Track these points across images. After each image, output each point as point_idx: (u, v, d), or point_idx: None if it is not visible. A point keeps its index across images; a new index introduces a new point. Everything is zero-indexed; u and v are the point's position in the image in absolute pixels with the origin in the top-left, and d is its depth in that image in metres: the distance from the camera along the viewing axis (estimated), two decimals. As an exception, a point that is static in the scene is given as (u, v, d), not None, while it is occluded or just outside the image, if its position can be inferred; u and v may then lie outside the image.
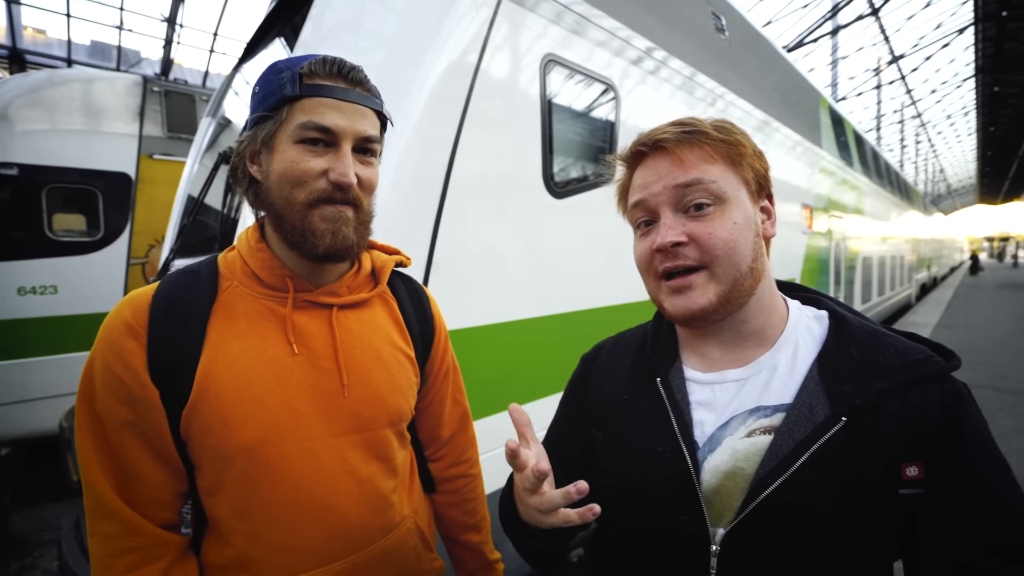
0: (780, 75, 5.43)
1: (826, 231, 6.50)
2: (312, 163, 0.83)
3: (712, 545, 0.70)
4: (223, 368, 0.83)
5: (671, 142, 0.75)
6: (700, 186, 0.73)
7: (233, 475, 0.84)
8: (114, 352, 0.80)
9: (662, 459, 0.75)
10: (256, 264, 0.90)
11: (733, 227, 0.73)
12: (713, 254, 0.72)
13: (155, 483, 0.83)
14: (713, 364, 0.79)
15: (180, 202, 2.99)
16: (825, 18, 21.37)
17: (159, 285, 0.87)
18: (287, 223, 0.85)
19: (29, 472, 4.80)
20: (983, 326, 11.27)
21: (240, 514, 0.85)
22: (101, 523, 0.80)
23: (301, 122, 0.83)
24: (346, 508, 0.89)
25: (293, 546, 0.86)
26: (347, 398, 0.91)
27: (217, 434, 0.82)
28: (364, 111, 0.88)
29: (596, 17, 2.60)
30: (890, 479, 0.66)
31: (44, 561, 3.62)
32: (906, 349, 0.72)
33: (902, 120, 38.11)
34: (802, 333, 0.78)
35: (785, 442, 0.69)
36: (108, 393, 0.80)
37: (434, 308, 1.15)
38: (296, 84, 0.83)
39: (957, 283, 24.67)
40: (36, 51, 11.20)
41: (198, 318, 0.84)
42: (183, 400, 0.81)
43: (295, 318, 0.89)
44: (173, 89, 5.32)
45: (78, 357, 4.61)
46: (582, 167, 2.62)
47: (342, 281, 0.96)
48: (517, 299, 2.25)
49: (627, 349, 0.92)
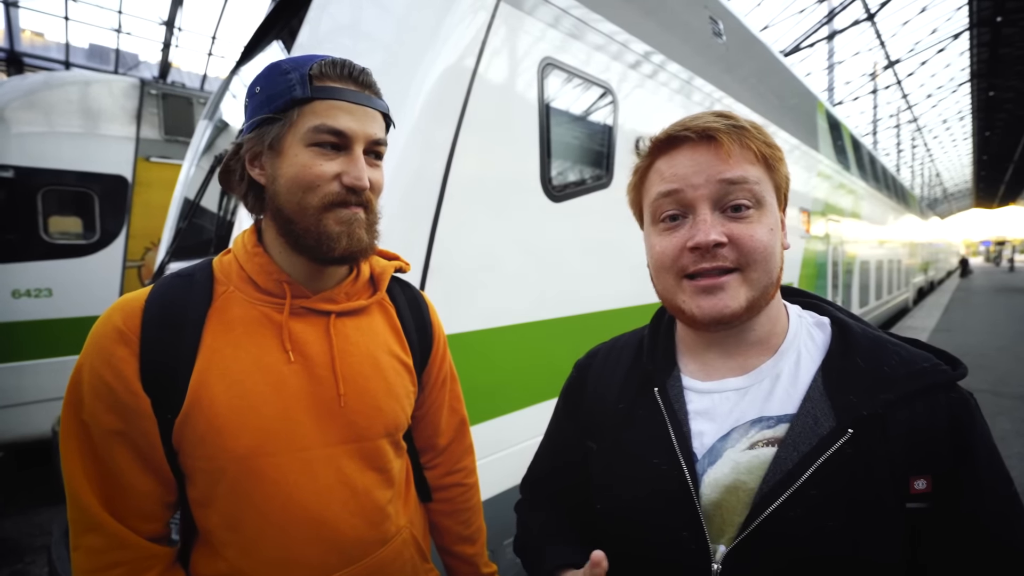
0: (777, 79, 5.45)
1: (823, 235, 6.51)
2: (325, 167, 0.82)
3: (713, 564, 0.67)
4: (218, 376, 0.81)
5: (721, 132, 0.69)
6: (745, 186, 0.69)
7: (226, 486, 0.82)
8: (103, 359, 0.78)
9: (659, 471, 0.72)
10: (253, 269, 0.88)
11: (770, 233, 0.70)
12: (752, 258, 0.68)
13: (143, 494, 0.81)
14: (713, 372, 0.76)
15: (176, 205, 2.97)
16: (821, 23, 21.50)
17: (152, 290, 0.84)
18: (299, 228, 0.83)
19: (21, 477, 4.76)
20: (980, 330, 11.30)
21: (232, 526, 0.83)
22: (86, 536, 0.78)
23: (314, 125, 0.81)
24: (341, 520, 0.87)
25: (287, 559, 0.84)
26: (343, 407, 0.89)
27: (210, 444, 0.80)
28: (374, 114, 0.87)
29: (594, 21, 2.60)
30: (898, 493, 0.63)
31: (35, 567, 3.58)
32: (912, 357, 0.69)
33: (898, 124, 38.28)
34: (804, 341, 0.75)
35: (789, 455, 0.66)
36: (96, 401, 0.78)
37: (433, 315, 1.13)
38: (306, 86, 0.81)
39: (954, 287, 24.75)
40: (34, 54, 11.19)
41: (193, 324, 0.82)
42: (176, 409, 0.79)
43: (292, 325, 0.87)
44: (170, 92, 5.31)
45: (72, 361, 4.52)
46: (580, 171, 2.62)
47: (340, 287, 0.93)
48: (514, 303, 2.24)
49: (623, 356, 0.89)
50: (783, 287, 0.86)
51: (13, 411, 4.35)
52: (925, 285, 21.84)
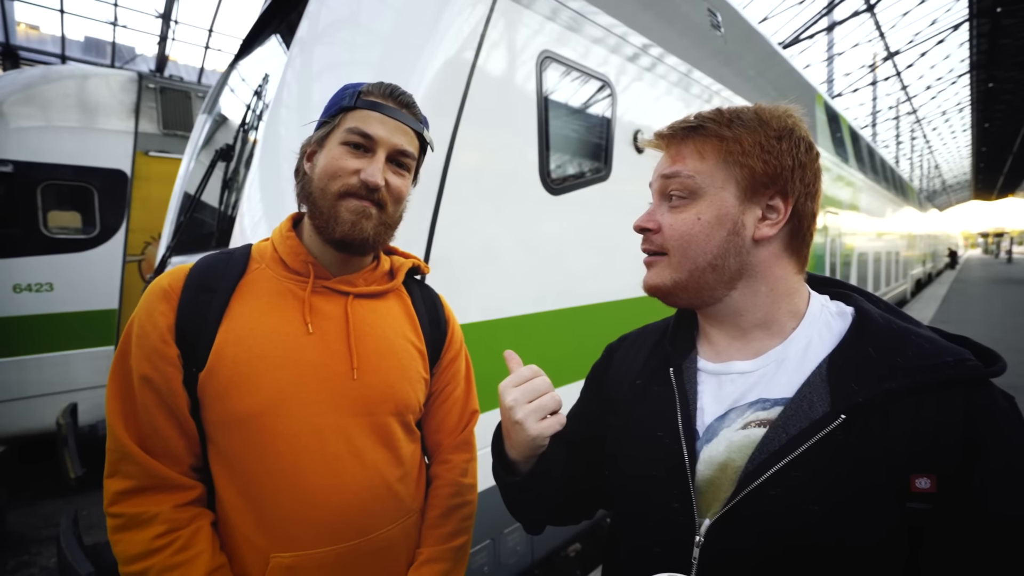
0: (776, 72, 5.45)
1: (821, 227, 6.53)
2: (349, 162, 0.94)
3: (696, 535, 0.70)
4: (241, 337, 0.91)
5: (668, 137, 0.80)
6: (676, 179, 0.77)
7: (241, 439, 0.89)
8: (148, 312, 0.91)
9: (662, 445, 0.77)
10: (284, 250, 0.99)
11: (696, 222, 0.76)
12: (669, 244, 0.77)
13: (168, 438, 0.89)
14: (721, 353, 0.80)
15: (176, 199, 2.98)
16: (821, 14, 21.40)
17: (197, 261, 0.98)
18: (318, 209, 0.95)
19: (26, 470, 4.79)
20: (978, 321, 11.34)
21: (246, 486, 0.90)
22: (120, 464, 0.87)
23: (349, 127, 0.95)
24: (348, 490, 0.92)
25: (295, 519, 0.89)
26: (356, 381, 0.96)
27: (229, 398, 0.89)
28: (405, 129, 0.99)
29: (592, 14, 2.60)
30: (895, 489, 0.62)
31: (42, 558, 3.62)
32: (936, 351, 0.66)
33: (897, 116, 38.20)
34: (819, 328, 0.76)
35: (778, 436, 0.68)
36: (138, 348, 0.89)
37: (449, 314, 1.20)
38: (354, 98, 0.97)
39: (952, 279, 24.80)
40: (30, 47, 11.12)
41: (224, 290, 0.94)
42: (201, 363, 0.89)
43: (313, 301, 0.97)
44: (168, 86, 5.29)
45: (74, 355, 4.61)
46: (579, 163, 2.63)
47: (360, 274, 1.04)
48: (514, 295, 2.26)
49: (647, 340, 0.95)
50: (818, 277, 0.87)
51: (16, 405, 4.39)
52: (923, 277, 21.88)
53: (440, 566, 1.03)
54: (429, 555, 1.04)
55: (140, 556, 0.83)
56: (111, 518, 0.86)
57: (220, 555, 0.89)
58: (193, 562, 0.84)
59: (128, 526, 0.85)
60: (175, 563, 0.83)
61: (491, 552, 2.19)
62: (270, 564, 0.88)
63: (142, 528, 0.84)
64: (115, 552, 0.85)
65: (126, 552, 0.84)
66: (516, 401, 0.80)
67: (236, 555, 0.90)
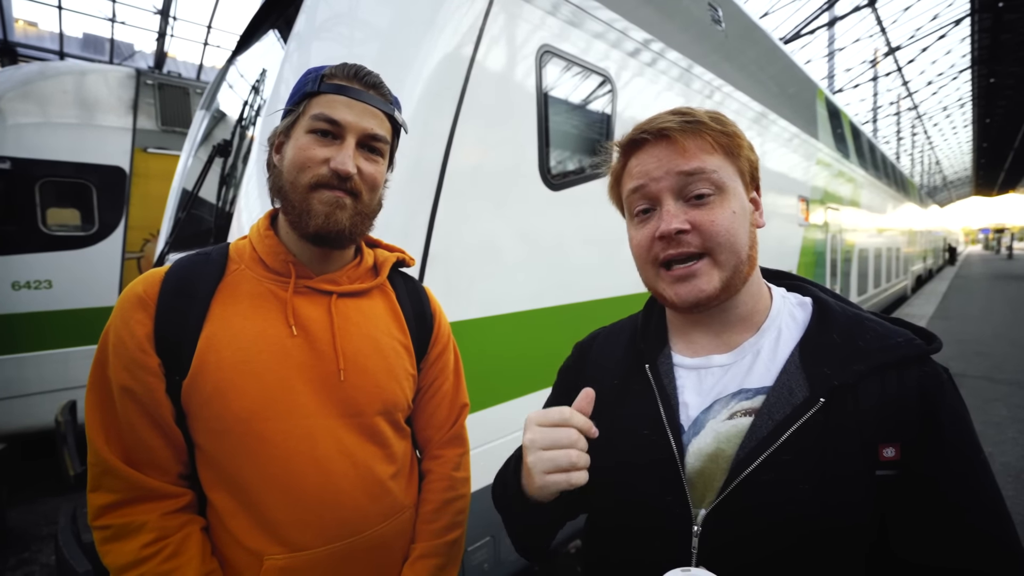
0: (777, 67, 5.41)
1: (822, 223, 6.51)
2: (317, 151, 0.89)
3: (694, 525, 0.71)
4: (224, 342, 0.87)
5: (675, 130, 0.75)
6: (703, 175, 0.74)
7: (230, 445, 0.87)
8: (124, 321, 0.86)
9: (648, 442, 0.77)
10: (263, 250, 0.95)
11: (733, 216, 0.75)
12: (716, 241, 0.74)
13: (153, 448, 0.87)
14: (699, 349, 0.82)
15: (175, 196, 2.97)
16: (822, 9, 21.32)
17: (172, 264, 0.93)
18: (290, 203, 0.91)
19: (26, 467, 4.79)
20: (978, 317, 11.34)
21: (236, 490, 0.88)
22: (103, 478, 0.85)
23: (314, 113, 0.90)
24: (341, 489, 0.91)
25: (289, 521, 0.88)
26: (343, 382, 0.93)
27: (215, 404, 0.86)
28: (374, 111, 0.94)
29: (593, 8, 2.58)
30: (867, 460, 0.67)
31: (42, 556, 3.62)
32: (887, 332, 0.73)
33: (898, 112, 38.12)
34: (785, 319, 0.80)
35: (764, 423, 0.70)
36: (116, 358, 0.85)
37: (435, 306, 1.17)
38: (318, 82, 0.92)
39: (952, 275, 24.78)
40: (27, 44, 11.07)
41: (203, 295, 0.90)
42: (184, 371, 0.86)
43: (295, 302, 0.93)
44: (167, 82, 5.27)
45: (73, 352, 4.59)
46: (579, 159, 2.61)
47: (343, 271, 1.00)
48: (514, 291, 2.25)
49: (619, 337, 0.94)
50: (771, 271, 0.91)
51: (15, 402, 4.38)
52: (924, 273, 21.86)
53: (434, 561, 1.03)
54: (423, 550, 1.03)
55: (130, 565, 0.81)
56: (98, 531, 0.84)
57: (211, 560, 0.87)
58: (183, 568, 0.83)
59: (116, 536, 0.83)
60: (165, 570, 0.82)
61: (491, 549, 2.18)
62: (264, 566, 0.87)
63: (131, 537, 0.82)
64: (105, 563, 0.84)
65: (116, 563, 0.82)
66: (532, 443, 0.72)
67: (229, 559, 0.89)
